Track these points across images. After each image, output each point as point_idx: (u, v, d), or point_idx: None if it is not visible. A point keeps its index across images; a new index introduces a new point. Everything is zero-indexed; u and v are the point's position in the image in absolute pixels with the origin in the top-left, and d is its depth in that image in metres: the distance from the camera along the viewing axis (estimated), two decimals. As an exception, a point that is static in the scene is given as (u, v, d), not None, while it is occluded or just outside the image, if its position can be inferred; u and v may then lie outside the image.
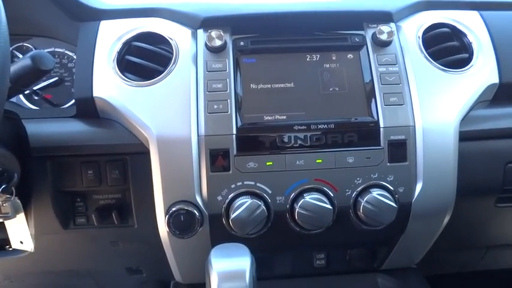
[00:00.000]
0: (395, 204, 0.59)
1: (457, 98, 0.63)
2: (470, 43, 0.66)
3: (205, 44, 0.63)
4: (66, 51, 0.75)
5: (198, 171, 0.60)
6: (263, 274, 0.62)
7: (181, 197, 0.60)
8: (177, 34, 0.65)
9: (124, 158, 0.64)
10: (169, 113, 0.60)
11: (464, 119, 0.64)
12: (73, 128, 0.64)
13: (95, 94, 0.63)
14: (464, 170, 0.64)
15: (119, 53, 0.65)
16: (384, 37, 0.63)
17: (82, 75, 0.64)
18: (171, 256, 0.66)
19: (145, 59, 0.64)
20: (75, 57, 0.72)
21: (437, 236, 0.69)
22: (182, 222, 0.59)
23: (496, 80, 0.65)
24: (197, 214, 0.59)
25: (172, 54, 0.64)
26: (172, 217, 0.59)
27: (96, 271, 0.83)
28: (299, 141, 0.60)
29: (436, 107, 0.62)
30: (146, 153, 0.62)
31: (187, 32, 0.65)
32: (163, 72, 0.63)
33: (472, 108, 0.64)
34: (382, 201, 0.59)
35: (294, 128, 0.60)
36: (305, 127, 0.60)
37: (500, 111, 0.66)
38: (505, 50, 0.65)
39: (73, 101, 0.72)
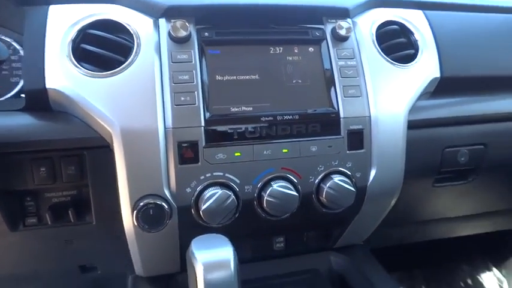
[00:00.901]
0: (354, 188, 0.64)
1: (405, 90, 0.69)
2: (416, 40, 0.72)
3: (169, 34, 0.61)
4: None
5: (166, 164, 0.59)
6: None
7: (148, 190, 0.59)
8: (137, 23, 0.63)
9: (81, 153, 0.61)
10: (133, 105, 0.59)
11: (411, 109, 0.70)
12: (22, 122, 0.60)
13: (48, 85, 0.59)
14: (408, 155, 0.70)
15: (74, 41, 0.61)
16: (343, 32, 0.66)
17: (32, 65, 0.59)
18: (135, 250, 0.65)
19: (102, 48, 0.61)
20: (14, 44, 0.67)
21: (385, 215, 0.76)
22: (151, 216, 0.58)
23: (438, 74, 0.72)
24: (166, 207, 0.59)
25: (133, 43, 0.62)
26: (141, 212, 0.58)
27: (45, 272, 0.79)
28: (266, 132, 0.62)
29: (388, 99, 0.67)
30: (106, 147, 0.60)
31: (148, 20, 0.63)
32: (124, 62, 0.60)
33: (417, 99, 0.71)
34: (343, 186, 0.63)
35: (261, 119, 0.62)
36: (271, 118, 0.62)
37: (440, 102, 0.74)
38: (445, 47, 0.72)
39: (13, 92, 0.67)
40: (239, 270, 0.48)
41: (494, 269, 1.35)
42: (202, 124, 0.59)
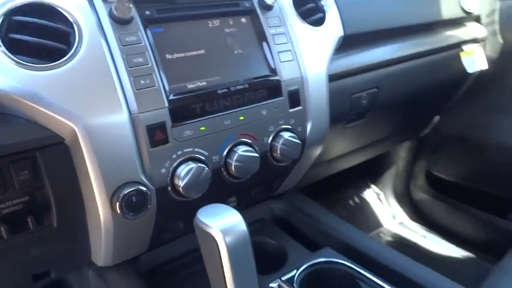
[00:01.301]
0: (301, 140, 0.74)
1: (323, 50, 0.80)
2: (323, 5, 0.83)
3: (111, 16, 0.59)
4: None
5: (137, 149, 0.59)
6: (187, 228, 0.70)
7: (125, 179, 0.59)
8: (68, 4, 0.58)
9: (32, 154, 0.56)
10: (93, 96, 0.56)
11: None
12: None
13: (-22, 86, 0.52)
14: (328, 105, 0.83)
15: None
16: (269, 1, 0.72)
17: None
18: (109, 241, 0.64)
19: (37, 36, 0.55)
20: None
21: (313, 161, 0.89)
22: (135, 204, 0.59)
23: (342, 33, 0.85)
24: (148, 192, 0.60)
25: (71, 28, 0.57)
26: (124, 201, 0.58)
27: None
28: (223, 104, 0.66)
29: (312, 59, 0.77)
30: (61, 143, 0.57)
31: (82, 2, 0.59)
32: (66, 50, 0.56)
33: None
34: (292, 140, 0.73)
35: (217, 92, 0.65)
36: (226, 90, 0.66)
37: (345, 56, 0.87)
38: (345, 9, 0.84)
39: None
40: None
41: (373, 185, 1.66)
42: (166, 105, 0.60)
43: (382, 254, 0.77)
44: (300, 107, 0.75)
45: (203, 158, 0.65)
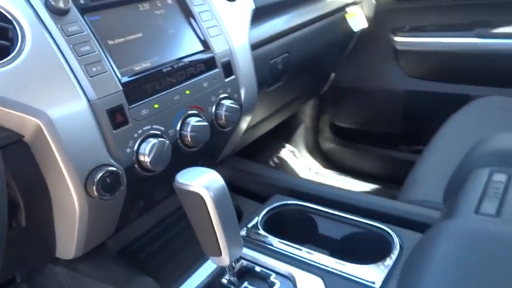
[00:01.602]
0: (239, 104, 0.83)
1: (241, 22, 0.88)
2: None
3: (49, 7, 0.59)
4: None
5: (101, 133, 0.62)
6: (148, 206, 0.75)
7: (95, 163, 0.61)
8: (2, 1, 0.57)
9: (-9, 156, 0.56)
10: (49, 89, 0.57)
11: (247, 36, 0.91)
12: None
13: None
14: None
15: None
16: (189, -19, 0.78)
17: None
18: (83, 229, 0.66)
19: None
20: None
21: (247, 125, 0.99)
22: (110, 184, 0.62)
23: (254, 6, 0.94)
24: (119, 172, 0.63)
25: (11, 25, 0.56)
26: (100, 183, 0.60)
27: None
28: (170, 81, 0.71)
29: (235, 32, 0.85)
30: (20, 141, 0.57)
31: (12, -5, 0.58)
32: (10, 47, 0.56)
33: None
34: (233, 107, 0.81)
35: (163, 71, 0.70)
36: (170, 68, 0.71)
37: (259, 26, 0.97)
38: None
39: None
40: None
41: (287, 145, 1.83)
42: (121, 88, 0.64)
43: (321, 189, 0.90)
44: (233, 76, 0.83)
45: (161, 133, 0.69)
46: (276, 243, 0.75)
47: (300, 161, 1.82)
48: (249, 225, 0.80)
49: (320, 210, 0.82)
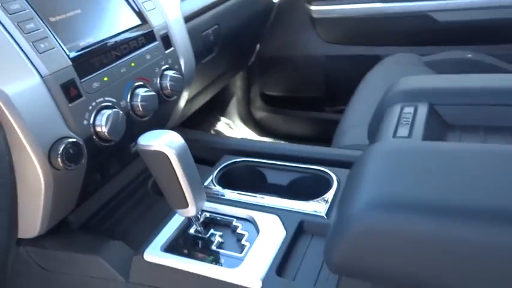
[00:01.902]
0: (181, 74, 0.88)
1: (173, -4, 0.93)
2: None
3: (-13, -13, 0.59)
4: None
5: (58, 108, 0.64)
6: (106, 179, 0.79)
7: (56, 136, 0.64)
8: None
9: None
10: (2, 67, 0.58)
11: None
12: None
13: None
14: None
15: None
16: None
17: None
18: (48, 203, 0.69)
19: None
20: None
21: (189, 95, 1.04)
22: (73, 154, 0.65)
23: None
24: (80, 142, 0.66)
25: None
26: (64, 154, 0.63)
27: None
28: (115, 54, 0.74)
29: (168, 5, 0.90)
30: None
31: None
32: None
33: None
34: (176, 76, 0.86)
35: (107, 44, 0.73)
36: (115, 41, 0.74)
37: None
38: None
39: None
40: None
41: (222, 118, 1.90)
42: (70, 63, 0.66)
43: (265, 146, 1.00)
44: (172, 48, 0.88)
45: (113, 104, 0.73)
46: (232, 195, 0.83)
47: (235, 131, 1.90)
48: (205, 184, 0.87)
49: (267, 163, 0.92)
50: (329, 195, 0.80)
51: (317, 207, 0.77)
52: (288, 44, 1.74)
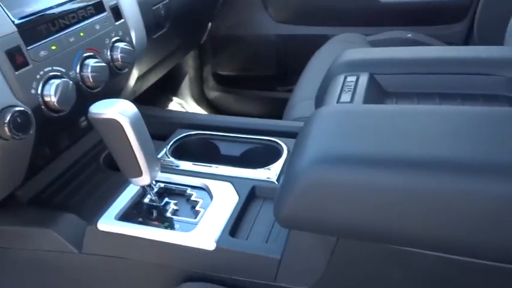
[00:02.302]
0: (132, 47, 0.88)
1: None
2: None
3: None
4: None
5: (3, 76, 0.63)
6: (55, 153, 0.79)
7: (1, 105, 0.62)
8: None
9: None
10: None
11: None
12: None
13: None
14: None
15: None
16: None
17: None
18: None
19: None
20: None
21: (141, 69, 1.03)
22: (21, 123, 0.63)
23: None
24: (28, 112, 0.65)
25: None
26: (11, 122, 0.62)
27: None
28: (63, 23, 0.73)
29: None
30: None
31: None
32: None
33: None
34: (127, 48, 0.85)
35: (55, 13, 0.71)
36: (62, 9, 0.73)
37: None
38: None
39: None
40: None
41: (174, 98, 1.89)
42: (15, 29, 0.64)
43: (218, 119, 1.02)
44: (122, 20, 0.87)
45: (62, 74, 0.72)
46: (186, 166, 0.85)
47: (188, 111, 1.90)
48: (159, 156, 0.88)
49: (219, 135, 0.94)
50: (279, 163, 0.84)
51: (268, 174, 0.81)
52: (239, 23, 1.76)
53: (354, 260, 0.59)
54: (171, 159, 0.87)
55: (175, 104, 1.88)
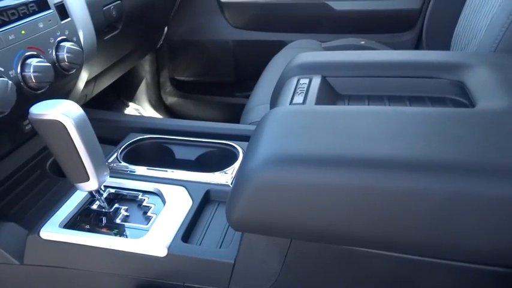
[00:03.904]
0: (80, 47, 0.84)
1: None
2: None
3: None
4: None
5: None
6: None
7: None
8: None
9: None
10: None
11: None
12: None
13: None
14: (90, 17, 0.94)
15: None
16: None
17: None
18: None
19: None
20: None
21: (92, 71, 0.99)
22: None
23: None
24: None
25: None
26: None
27: None
28: (2, 19, 0.68)
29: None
30: None
31: None
32: None
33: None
34: (74, 48, 0.81)
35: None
36: (1, 5, 0.68)
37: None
38: None
39: None
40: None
41: (130, 103, 1.84)
42: None
43: (173, 123, 0.99)
44: (69, 19, 0.83)
45: (1, 74, 0.67)
46: (138, 170, 0.82)
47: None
48: (109, 160, 0.84)
49: (174, 139, 0.92)
50: (235, 166, 0.83)
51: (223, 177, 0.79)
52: (196, 28, 1.74)
53: (308, 262, 0.59)
54: (123, 163, 0.84)
55: (132, 110, 1.82)
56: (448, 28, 1.21)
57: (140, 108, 1.85)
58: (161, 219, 0.69)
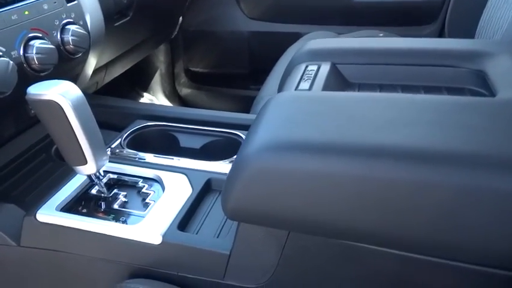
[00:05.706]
0: (86, 31, 0.83)
1: None
2: None
3: None
4: None
5: None
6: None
7: None
8: None
9: None
10: None
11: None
12: None
13: None
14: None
15: None
16: None
17: None
18: None
19: None
20: None
21: (99, 55, 0.98)
22: None
23: None
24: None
25: None
26: None
27: None
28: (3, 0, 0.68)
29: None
30: None
31: None
32: None
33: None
34: (79, 31, 0.80)
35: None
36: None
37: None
38: None
39: None
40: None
41: (145, 93, 1.83)
42: None
43: (180, 111, 0.98)
44: (75, 1, 0.82)
45: (2, 54, 0.66)
46: (141, 156, 0.80)
47: (159, 108, 1.85)
48: (113, 146, 0.83)
49: (179, 127, 0.90)
50: (239, 156, 0.80)
51: (226, 166, 0.77)
52: (212, 19, 1.72)
53: (307, 256, 0.56)
54: (126, 149, 0.83)
55: (146, 100, 1.82)
56: (472, 21, 1.15)
57: (154, 98, 1.85)
58: (159, 206, 0.67)
